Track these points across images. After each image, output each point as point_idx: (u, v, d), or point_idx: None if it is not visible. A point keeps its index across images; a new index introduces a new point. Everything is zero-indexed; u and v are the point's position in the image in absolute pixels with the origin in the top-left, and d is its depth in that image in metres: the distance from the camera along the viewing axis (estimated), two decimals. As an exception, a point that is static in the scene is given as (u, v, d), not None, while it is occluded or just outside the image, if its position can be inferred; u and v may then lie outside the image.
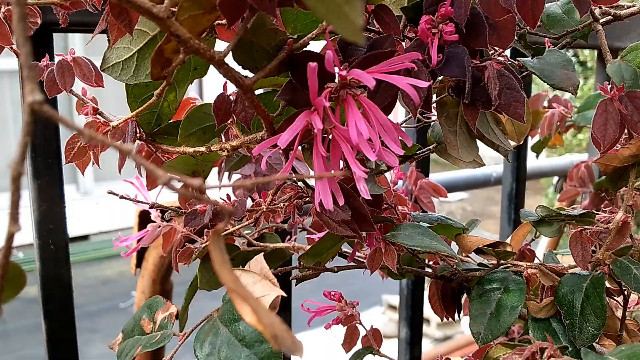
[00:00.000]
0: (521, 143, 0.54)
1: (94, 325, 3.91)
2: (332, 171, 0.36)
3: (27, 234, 0.57)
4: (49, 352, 0.60)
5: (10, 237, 0.18)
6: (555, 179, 1.43)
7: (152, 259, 0.78)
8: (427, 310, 0.94)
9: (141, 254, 0.81)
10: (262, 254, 0.32)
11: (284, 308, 0.71)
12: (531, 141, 1.01)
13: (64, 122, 0.18)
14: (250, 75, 0.32)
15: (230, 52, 0.30)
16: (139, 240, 0.57)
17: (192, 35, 0.28)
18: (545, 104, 0.87)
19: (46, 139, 0.58)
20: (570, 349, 0.36)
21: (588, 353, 0.31)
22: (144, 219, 0.78)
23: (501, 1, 0.35)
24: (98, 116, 0.39)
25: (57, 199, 0.59)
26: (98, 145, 0.38)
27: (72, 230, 0.62)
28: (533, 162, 1.13)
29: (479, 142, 0.49)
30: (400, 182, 0.80)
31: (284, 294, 0.29)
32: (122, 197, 0.58)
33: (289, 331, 0.19)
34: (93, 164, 0.45)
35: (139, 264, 0.81)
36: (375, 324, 0.56)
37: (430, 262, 0.53)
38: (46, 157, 0.58)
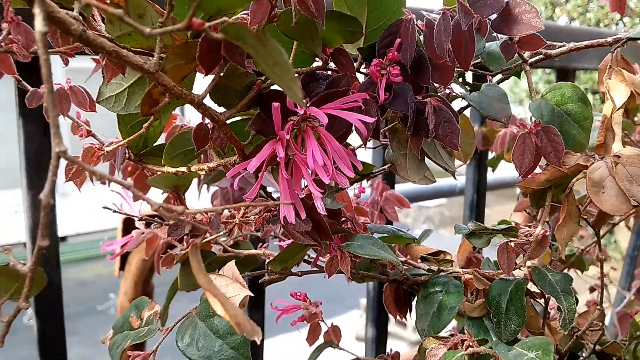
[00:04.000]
0: (481, 159, 0.60)
1: (72, 328, 3.91)
2: (295, 190, 0.42)
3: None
4: (40, 349, 0.65)
5: (39, 250, 0.24)
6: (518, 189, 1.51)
7: (135, 263, 0.83)
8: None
9: (124, 257, 0.86)
10: (234, 260, 0.38)
11: (257, 308, 0.77)
12: (491, 155, 1.09)
13: (78, 163, 0.24)
14: (224, 110, 0.38)
15: (208, 94, 0.37)
16: (123, 245, 0.63)
17: (175, 79, 0.34)
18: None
19: (39, 155, 0.63)
20: (494, 341, 0.42)
21: (498, 344, 0.38)
22: (128, 225, 0.83)
23: (437, 50, 0.41)
24: (92, 138, 0.45)
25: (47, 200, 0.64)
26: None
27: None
28: (497, 173, 1.21)
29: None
30: (367, 192, 0.87)
31: (252, 294, 0.35)
32: (114, 211, 0.64)
33: (249, 320, 0.25)
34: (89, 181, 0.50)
35: (122, 267, 0.86)
36: (352, 326, 0.62)
37: (390, 270, 0.59)
38: (39, 170, 0.63)
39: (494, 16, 0.44)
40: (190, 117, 0.64)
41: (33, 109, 0.60)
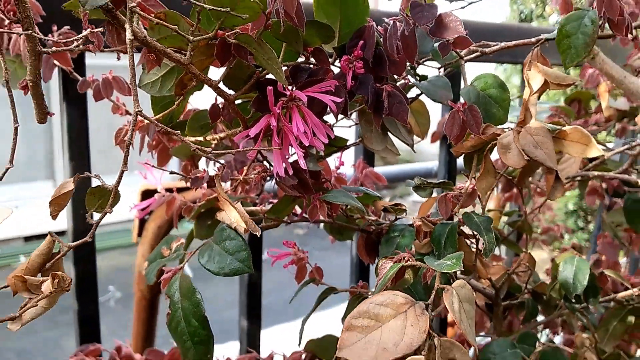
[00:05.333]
0: (424, 139, 0.75)
1: (72, 319, 4.04)
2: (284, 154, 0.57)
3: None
4: (77, 290, 0.80)
5: (121, 174, 0.39)
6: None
7: (151, 229, 0.97)
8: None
9: (141, 225, 1.01)
10: (240, 201, 0.53)
11: (255, 265, 0.91)
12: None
13: (146, 118, 0.39)
14: (232, 92, 0.53)
15: (222, 81, 0.51)
16: (145, 208, 0.77)
17: (200, 69, 0.49)
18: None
19: (78, 132, 0.78)
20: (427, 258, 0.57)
21: (429, 259, 0.52)
22: (144, 196, 0.98)
23: (389, 48, 0.56)
24: (129, 117, 0.59)
25: (85, 178, 0.79)
26: (135, 134, 0.59)
27: (48, 226, 0.81)
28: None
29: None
30: (351, 171, 1.02)
31: (252, 220, 0.50)
32: (153, 166, 0.77)
33: (253, 222, 0.39)
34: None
35: (139, 234, 1.00)
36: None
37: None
38: (79, 144, 0.77)
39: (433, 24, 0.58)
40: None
41: (74, 96, 0.74)
